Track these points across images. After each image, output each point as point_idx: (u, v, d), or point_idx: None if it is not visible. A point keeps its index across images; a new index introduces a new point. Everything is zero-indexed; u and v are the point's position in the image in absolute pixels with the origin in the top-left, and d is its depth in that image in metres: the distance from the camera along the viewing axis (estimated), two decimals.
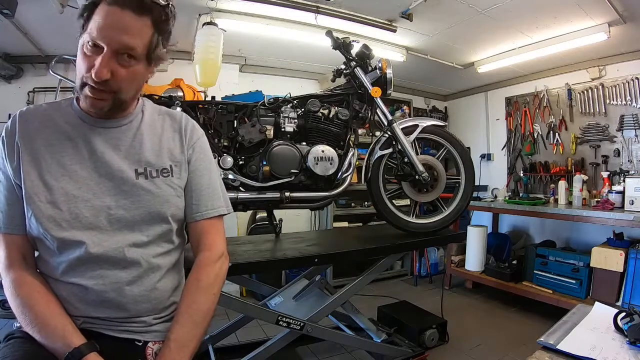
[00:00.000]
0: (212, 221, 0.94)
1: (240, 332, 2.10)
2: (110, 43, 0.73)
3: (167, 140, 0.91)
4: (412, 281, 3.80)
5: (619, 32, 2.53)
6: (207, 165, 0.96)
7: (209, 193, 0.94)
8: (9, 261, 0.79)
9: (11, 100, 2.78)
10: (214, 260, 0.91)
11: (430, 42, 2.98)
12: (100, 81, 0.73)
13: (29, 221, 0.78)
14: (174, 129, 0.93)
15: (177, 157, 0.91)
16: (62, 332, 0.73)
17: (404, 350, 1.97)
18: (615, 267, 2.44)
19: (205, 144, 0.98)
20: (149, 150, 0.87)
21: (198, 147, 0.95)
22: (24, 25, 2.35)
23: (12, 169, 0.79)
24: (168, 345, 0.78)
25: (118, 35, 0.73)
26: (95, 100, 0.77)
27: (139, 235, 0.82)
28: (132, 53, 0.75)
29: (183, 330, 0.80)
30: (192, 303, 0.84)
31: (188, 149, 0.93)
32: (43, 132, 0.81)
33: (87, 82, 0.75)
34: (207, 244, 0.92)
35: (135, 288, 0.81)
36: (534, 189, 3.64)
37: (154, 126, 0.91)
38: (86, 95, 0.77)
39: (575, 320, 0.90)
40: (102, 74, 0.72)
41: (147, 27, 0.76)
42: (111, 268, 0.79)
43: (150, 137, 0.89)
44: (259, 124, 1.63)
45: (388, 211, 1.83)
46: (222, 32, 2.44)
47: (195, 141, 0.95)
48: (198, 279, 0.87)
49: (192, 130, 0.95)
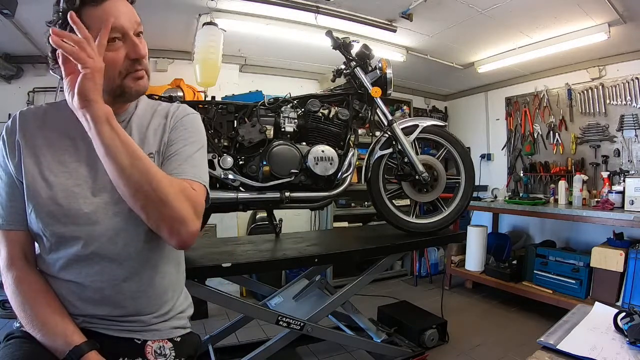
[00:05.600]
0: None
1: (240, 332, 2.10)
2: (131, 25, 0.80)
3: (152, 129, 0.88)
4: (412, 281, 3.80)
5: (619, 32, 2.53)
6: (185, 135, 0.88)
7: (178, 159, 0.85)
8: (10, 259, 0.79)
9: (11, 100, 2.78)
10: (189, 188, 0.79)
11: (430, 42, 2.98)
12: (143, 58, 0.81)
13: (29, 217, 0.79)
14: (162, 116, 0.91)
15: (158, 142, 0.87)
16: (62, 331, 0.73)
17: (404, 350, 1.97)
18: (615, 267, 2.44)
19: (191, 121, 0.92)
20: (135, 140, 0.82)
21: (180, 123, 0.90)
22: (24, 25, 2.35)
23: (13, 165, 0.80)
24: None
25: (131, 17, 0.80)
26: (143, 80, 0.83)
27: (134, 229, 0.81)
28: (142, 29, 0.84)
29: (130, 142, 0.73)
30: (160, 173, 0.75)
31: (171, 129, 0.89)
32: (43, 131, 0.82)
33: (130, 70, 0.81)
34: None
35: (132, 284, 0.81)
36: (534, 189, 3.64)
37: (144, 117, 0.90)
38: (134, 80, 0.82)
39: (575, 320, 0.90)
40: (144, 50, 0.82)
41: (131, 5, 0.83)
42: (108, 264, 0.79)
43: (137, 128, 0.87)
44: (259, 124, 1.63)
45: (388, 211, 1.83)
46: (222, 32, 2.44)
47: (180, 119, 0.90)
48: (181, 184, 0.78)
49: (178, 111, 0.92)
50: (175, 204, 0.73)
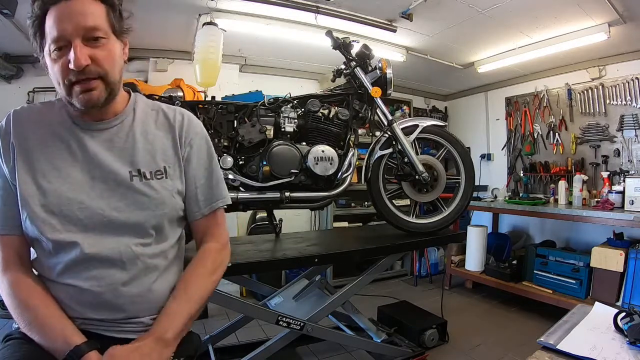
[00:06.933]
0: (214, 214, 0.96)
1: (240, 332, 2.10)
2: (76, 31, 0.73)
3: (160, 140, 0.89)
4: (412, 281, 3.80)
5: (619, 32, 2.53)
6: (206, 158, 0.95)
7: (211, 186, 0.95)
8: (5, 262, 0.78)
9: (11, 100, 2.77)
10: (217, 250, 0.94)
11: (430, 42, 2.98)
12: (81, 69, 0.73)
13: (24, 223, 0.78)
14: (168, 128, 0.91)
15: (171, 158, 0.89)
16: (61, 332, 0.73)
17: (404, 350, 1.97)
18: (615, 267, 2.43)
19: (203, 138, 0.96)
20: (142, 151, 0.85)
21: (195, 144, 0.93)
22: (24, 25, 2.34)
23: (8, 169, 0.79)
24: (159, 317, 0.80)
25: (79, 21, 0.73)
26: (88, 93, 0.76)
27: (133, 236, 0.81)
28: (99, 34, 0.76)
29: (176, 303, 0.82)
30: (191, 284, 0.86)
31: (185, 146, 0.91)
32: (36, 133, 0.81)
33: (72, 80, 0.75)
34: (213, 235, 0.96)
35: (131, 289, 0.80)
36: (534, 189, 3.63)
37: (147, 123, 0.89)
38: (78, 93, 0.76)
39: (575, 320, 0.89)
40: (81, 61, 0.72)
41: (98, 4, 0.77)
42: (107, 269, 0.78)
43: (142, 137, 0.87)
44: (259, 124, 1.63)
45: (388, 211, 1.83)
46: (222, 32, 2.44)
47: (193, 137, 0.93)
48: (203, 264, 0.90)
49: (187, 125, 0.93)
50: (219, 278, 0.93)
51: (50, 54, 0.75)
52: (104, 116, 0.84)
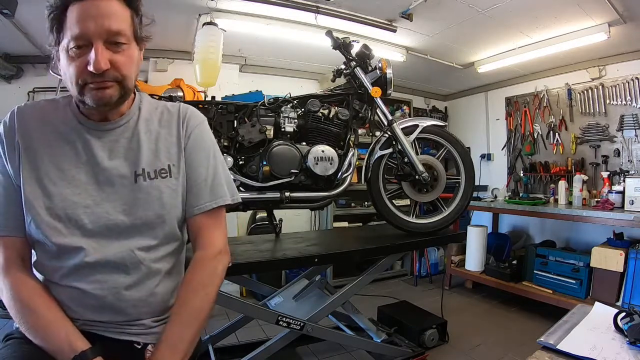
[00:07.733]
0: (211, 214, 0.90)
1: (240, 332, 2.10)
2: (99, 33, 0.71)
3: (164, 138, 0.88)
4: (412, 281, 3.80)
5: (619, 32, 2.53)
6: (205, 153, 0.91)
7: (209, 183, 0.90)
8: (6, 264, 0.77)
9: (11, 100, 2.76)
10: (209, 259, 0.87)
11: (430, 42, 2.98)
12: (100, 73, 0.71)
13: (28, 226, 0.77)
14: (171, 124, 0.89)
15: (175, 155, 0.87)
16: (65, 336, 0.72)
17: (404, 350, 1.97)
18: (615, 267, 2.43)
19: (203, 131, 0.93)
20: (147, 151, 0.85)
21: (194, 135, 0.90)
22: (24, 25, 2.35)
23: (12, 169, 0.78)
24: (159, 346, 0.77)
25: (104, 24, 0.71)
26: (102, 91, 0.74)
27: (139, 239, 0.80)
28: (122, 39, 0.75)
29: (174, 330, 0.79)
30: (183, 304, 0.81)
31: (185, 139, 0.89)
32: (41, 131, 0.79)
33: (87, 81, 0.73)
34: (203, 243, 0.89)
35: (134, 293, 0.79)
36: (534, 189, 3.63)
37: (151, 122, 0.88)
38: (91, 90, 0.74)
39: (575, 320, 0.89)
40: (101, 64, 0.71)
41: (124, 8, 0.76)
42: (110, 273, 0.77)
43: (147, 136, 0.86)
44: (259, 124, 1.63)
45: (388, 211, 1.83)
46: (222, 32, 2.44)
47: (192, 130, 0.90)
48: (191, 278, 0.84)
49: (189, 119, 0.91)
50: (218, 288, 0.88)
51: (67, 50, 0.73)
52: (110, 117, 0.83)
